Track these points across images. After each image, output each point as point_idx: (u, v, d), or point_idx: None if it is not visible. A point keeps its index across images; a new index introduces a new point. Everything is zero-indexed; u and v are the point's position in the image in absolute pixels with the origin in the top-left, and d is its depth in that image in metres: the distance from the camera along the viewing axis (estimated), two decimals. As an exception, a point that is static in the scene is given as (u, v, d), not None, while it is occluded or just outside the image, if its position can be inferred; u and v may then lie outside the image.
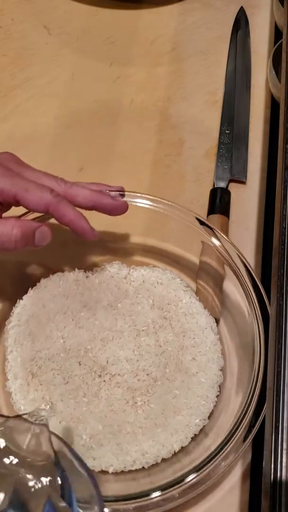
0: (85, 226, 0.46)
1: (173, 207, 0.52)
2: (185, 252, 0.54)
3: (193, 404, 0.46)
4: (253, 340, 0.46)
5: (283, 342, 0.42)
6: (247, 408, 0.43)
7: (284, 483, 0.38)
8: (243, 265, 0.50)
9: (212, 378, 0.47)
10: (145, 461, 0.44)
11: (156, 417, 0.45)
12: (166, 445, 0.44)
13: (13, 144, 0.65)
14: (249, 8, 0.75)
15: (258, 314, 0.47)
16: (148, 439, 0.44)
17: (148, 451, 0.44)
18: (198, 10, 0.76)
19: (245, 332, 0.48)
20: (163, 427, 0.45)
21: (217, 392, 0.47)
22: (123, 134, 0.65)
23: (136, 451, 0.44)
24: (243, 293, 0.49)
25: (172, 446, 0.44)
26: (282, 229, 0.47)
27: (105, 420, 0.45)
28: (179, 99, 0.68)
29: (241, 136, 0.64)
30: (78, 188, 0.47)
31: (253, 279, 0.49)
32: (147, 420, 0.45)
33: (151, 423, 0.45)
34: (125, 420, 0.45)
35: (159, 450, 0.44)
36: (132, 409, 0.46)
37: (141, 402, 0.46)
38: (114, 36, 0.74)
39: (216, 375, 0.48)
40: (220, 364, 0.48)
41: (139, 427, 0.45)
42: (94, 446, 0.44)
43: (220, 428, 0.44)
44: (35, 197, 0.44)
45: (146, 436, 0.44)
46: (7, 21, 0.75)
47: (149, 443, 0.44)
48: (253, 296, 0.48)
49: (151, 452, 0.44)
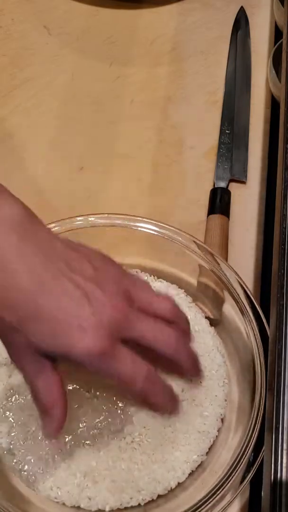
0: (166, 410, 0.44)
1: (172, 231, 0.51)
2: (183, 273, 0.52)
3: (192, 440, 0.44)
4: (253, 367, 0.45)
5: (283, 343, 0.42)
6: (247, 444, 0.42)
7: (284, 483, 0.38)
8: (242, 290, 0.48)
9: (216, 410, 0.45)
10: (141, 498, 0.42)
11: (152, 453, 0.43)
12: (162, 482, 0.43)
13: (13, 144, 0.65)
14: (249, 8, 0.75)
15: (258, 340, 0.46)
16: (144, 475, 0.43)
17: (144, 487, 0.42)
18: (198, 10, 0.76)
19: (245, 359, 0.47)
20: (160, 463, 0.43)
21: (219, 426, 0.45)
22: (123, 134, 0.65)
23: (132, 487, 0.42)
24: (242, 319, 0.48)
25: (169, 483, 0.43)
26: (282, 229, 0.47)
27: (99, 456, 0.43)
28: (179, 99, 0.68)
29: (241, 136, 0.64)
30: (181, 315, 0.44)
31: (252, 302, 0.48)
32: (143, 455, 0.43)
33: (147, 459, 0.43)
34: (120, 456, 0.43)
35: (155, 487, 0.42)
36: (128, 445, 0.44)
37: (138, 438, 0.44)
38: (114, 36, 0.74)
39: (221, 407, 0.45)
40: (225, 393, 0.46)
41: (135, 463, 0.43)
42: (89, 484, 0.42)
43: (218, 464, 0.43)
44: (124, 390, 0.42)
45: (142, 472, 0.43)
46: (7, 21, 0.75)
47: (145, 480, 0.42)
48: (253, 322, 0.47)
49: (147, 489, 0.42)
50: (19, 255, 0.37)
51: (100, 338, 0.37)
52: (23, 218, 0.39)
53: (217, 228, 0.56)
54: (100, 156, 0.64)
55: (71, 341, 0.37)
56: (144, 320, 0.40)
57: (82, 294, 0.38)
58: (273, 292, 0.46)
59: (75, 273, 0.38)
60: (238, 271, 0.50)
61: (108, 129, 0.66)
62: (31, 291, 0.37)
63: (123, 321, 0.39)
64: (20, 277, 0.37)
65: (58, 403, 0.40)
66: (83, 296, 0.38)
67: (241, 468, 0.42)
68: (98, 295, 0.38)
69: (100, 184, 0.62)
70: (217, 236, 0.55)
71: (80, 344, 0.37)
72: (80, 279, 0.38)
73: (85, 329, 0.37)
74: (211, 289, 0.50)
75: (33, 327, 0.37)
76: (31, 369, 0.39)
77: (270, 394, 0.41)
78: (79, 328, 0.37)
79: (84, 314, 0.37)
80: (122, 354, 0.39)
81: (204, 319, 0.50)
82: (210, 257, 0.50)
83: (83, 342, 0.37)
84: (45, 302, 0.37)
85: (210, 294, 0.51)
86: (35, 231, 0.39)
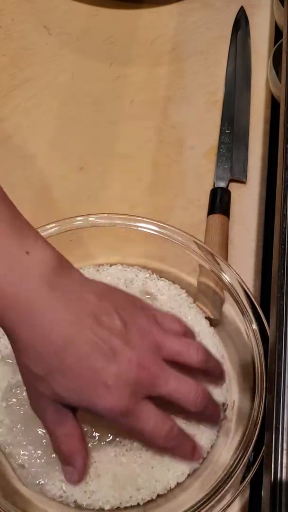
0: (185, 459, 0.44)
1: (172, 231, 0.51)
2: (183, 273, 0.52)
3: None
4: (253, 367, 0.45)
5: (283, 343, 0.42)
6: (247, 444, 0.42)
7: (284, 483, 0.38)
8: (242, 290, 0.48)
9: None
10: (140, 497, 0.42)
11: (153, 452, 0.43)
12: (162, 481, 0.43)
13: (13, 144, 0.65)
14: (249, 8, 0.75)
15: (258, 340, 0.46)
16: (143, 474, 0.43)
17: (143, 486, 0.42)
18: (198, 10, 0.76)
19: (245, 359, 0.47)
20: (159, 462, 0.43)
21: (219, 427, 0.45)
22: (123, 134, 0.65)
23: (131, 485, 0.42)
24: (242, 319, 0.48)
25: (168, 482, 0.43)
26: (282, 229, 0.47)
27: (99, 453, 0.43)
28: (179, 99, 0.68)
29: (241, 136, 0.64)
30: (211, 364, 0.44)
31: (252, 302, 0.48)
32: (143, 454, 0.43)
33: (147, 458, 0.43)
34: (121, 452, 0.43)
35: (155, 486, 0.43)
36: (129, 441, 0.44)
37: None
38: (114, 36, 0.74)
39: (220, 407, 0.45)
40: (225, 396, 0.46)
41: (134, 461, 0.43)
42: (92, 475, 0.42)
43: (218, 464, 0.43)
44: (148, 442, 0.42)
45: (142, 471, 0.43)
46: (7, 21, 0.75)
47: (145, 478, 0.42)
48: (253, 322, 0.47)
49: (147, 488, 0.42)
50: (49, 308, 0.38)
51: (124, 397, 0.38)
52: (54, 265, 0.39)
53: (217, 228, 0.56)
54: (100, 156, 0.64)
55: (95, 397, 0.38)
56: (170, 376, 0.40)
57: (109, 350, 0.38)
58: (273, 292, 0.46)
59: (103, 328, 0.39)
60: (238, 271, 0.50)
61: (108, 129, 0.66)
62: (59, 345, 0.38)
63: (148, 380, 0.39)
64: (50, 330, 0.38)
65: (79, 453, 0.41)
66: (111, 353, 0.38)
67: (241, 468, 0.42)
68: (125, 352, 0.39)
69: (100, 184, 0.62)
70: (217, 236, 0.55)
71: (103, 401, 0.38)
72: (108, 335, 0.39)
73: (110, 387, 0.38)
74: (211, 289, 0.50)
75: (59, 380, 0.38)
76: (52, 419, 0.40)
77: (270, 394, 0.42)
78: (105, 385, 0.38)
79: (110, 372, 0.38)
80: (145, 413, 0.39)
81: (204, 319, 0.50)
82: (210, 257, 0.50)
83: (106, 400, 0.38)
84: (72, 357, 0.38)
85: (210, 294, 0.51)
86: (66, 279, 0.39)
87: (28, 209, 0.47)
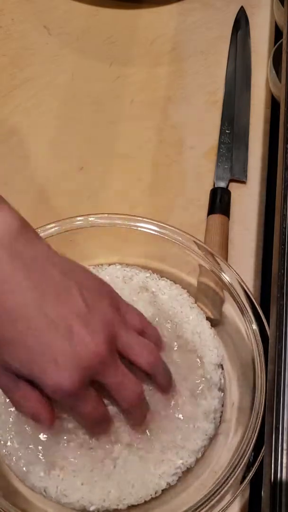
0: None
1: (172, 231, 0.51)
2: (183, 273, 0.52)
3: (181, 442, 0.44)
4: (253, 367, 0.45)
5: (283, 343, 0.42)
6: (247, 444, 0.42)
7: (284, 483, 0.37)
8: (242, 290, 0.48)
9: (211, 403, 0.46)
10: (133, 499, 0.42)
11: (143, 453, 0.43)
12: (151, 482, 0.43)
13: (13, 144, 0.65)
14: (249, 8, 0.75)
15: (258, 340, 0.46)
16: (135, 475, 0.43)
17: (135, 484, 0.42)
18: (198, 10, 0.76)
19: (245, 359, 0.47)
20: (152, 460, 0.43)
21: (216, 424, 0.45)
22: (123, 134, 0.65)
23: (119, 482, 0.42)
24: (242, 319, 0.48)
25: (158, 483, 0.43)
26: (282, 229, 0.47)
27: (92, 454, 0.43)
28: (179, 99, 0.68)
29: (241, 136, 0.64)
30: (159, 370, 0.43)
31: (252, 302, 0.48)
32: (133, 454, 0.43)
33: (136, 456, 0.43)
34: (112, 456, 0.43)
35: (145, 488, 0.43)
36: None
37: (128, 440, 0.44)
38: (114, 36, 0.74)
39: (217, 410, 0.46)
40: (219, 397, 0.46)
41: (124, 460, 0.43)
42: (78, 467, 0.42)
43: (218, 464, 0.43)
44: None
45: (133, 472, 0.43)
46: (7, 21, 0.75)
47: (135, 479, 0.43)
48: (253, 322, 0.47)
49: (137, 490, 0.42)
50: (7, 276, 0.37)
51: (72, 379, 0.37)
52: (16, 230, 0.38)
53: (217, 228, 0.56)
54: (100, 156, 0.64)
55: (44, 372, 0.37)
56: (119, 369, 0.40)
57: (65, 329, 0.37)
58: (273, 292, 0.45)
59: (64, 306, 0.38)
60: (238, 271, 0.50)
61: (108, 129, 0.66)
62: (14, 316, 0.37)
63: (100, 368, 0.39)
64: (6, 298, 0.37)
65: (41, 413, 0.40)
66: (67, 332, 0.37)
67: (241, 468, 0.42)
68: (83, 334, 0.38)
69: (100, 184, 0.62)
70: (217, 236, 0.55)
71: (52, 378, 0.37)
72: (67, 313, 0.38)
73: (59, 365, 0.37)
74: (211, 289, 0.50)
75: (10, 350, 0.37)
76: (5, 384, 0.39)
77: (270, 394, 0.41)
78: (54, 362, 0.37)
79: (62, 350, 0.37)
80: (88, 398, 0.39)
81: (205, 320, 0.50)
82: (210, 257, 0.50)
83: (53, 377, 0.37)
84: (26, 329, 0.37)
85: (210, 294, 0.51)
86: (29, 249, 0.38)
87: (28, 209, 0.48)
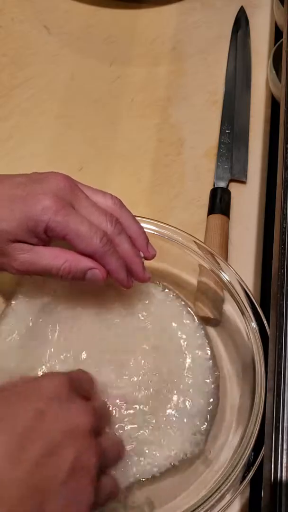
0: (120, 278, 0.46)
1: (172, 231, 0.51)
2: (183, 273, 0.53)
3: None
4: (253, 367, 0.46)
5: (283, 342, 0.42)
6: (247, 444, 0.42)
7: (284, 483, 0.37)
8: (242, 290, 0.49)
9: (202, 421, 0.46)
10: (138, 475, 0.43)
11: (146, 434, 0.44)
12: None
13: (13, 144, 0.65)
14: (249, 7, 0.75)
15: (258, 340, 0.46)
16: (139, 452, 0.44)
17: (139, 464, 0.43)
18: (198, 10, 0.76)
19: (245, 359, 0.47)
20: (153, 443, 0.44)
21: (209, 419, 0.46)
22: (123, 134, 0.65)
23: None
24: (242, 319, 0.48)
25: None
26: (282, 229, 0.47)
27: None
28: (179, 99, 0.68)
29: (241, 136, 0.64)
30: (123, 239, 0.46)
31: (252, 302, 0.48)
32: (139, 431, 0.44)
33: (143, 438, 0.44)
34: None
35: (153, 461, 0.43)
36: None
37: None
38: (114, 36, 0.74)
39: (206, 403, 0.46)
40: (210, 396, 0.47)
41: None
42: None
43: (218, 464, 0.44)
44: (83, 244, 0.44)
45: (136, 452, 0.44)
46: (7, 21, 0.75)
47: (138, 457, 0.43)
48: (253, 322, 0.47)
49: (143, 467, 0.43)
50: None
51: (57, 202, 0.43)
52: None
53: (217, 228, 0.56)
54: (100, 156, 0.64)
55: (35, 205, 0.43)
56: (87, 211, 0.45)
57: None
58: (273, 292, 0.45)
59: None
60: (238, 271, 0.50)
61: (108, 129, 0.66)
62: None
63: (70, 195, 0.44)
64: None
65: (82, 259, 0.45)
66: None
67: (241, 468, 0.42)
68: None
69: (100, 184, 0.61)
70: (217, 236, 0.55)
71: (41, 204, 0.43)
72: None
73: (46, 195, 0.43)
74: (211, 289, 0.50)
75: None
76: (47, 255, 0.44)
77: (270, 394, 0.41)
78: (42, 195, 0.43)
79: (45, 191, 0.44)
80: (79, 217, 0.44)
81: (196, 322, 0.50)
82: (210, 257, 0.50)
83: (43, 202, 0.43)
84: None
85: (210, 294, 0.51)
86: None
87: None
